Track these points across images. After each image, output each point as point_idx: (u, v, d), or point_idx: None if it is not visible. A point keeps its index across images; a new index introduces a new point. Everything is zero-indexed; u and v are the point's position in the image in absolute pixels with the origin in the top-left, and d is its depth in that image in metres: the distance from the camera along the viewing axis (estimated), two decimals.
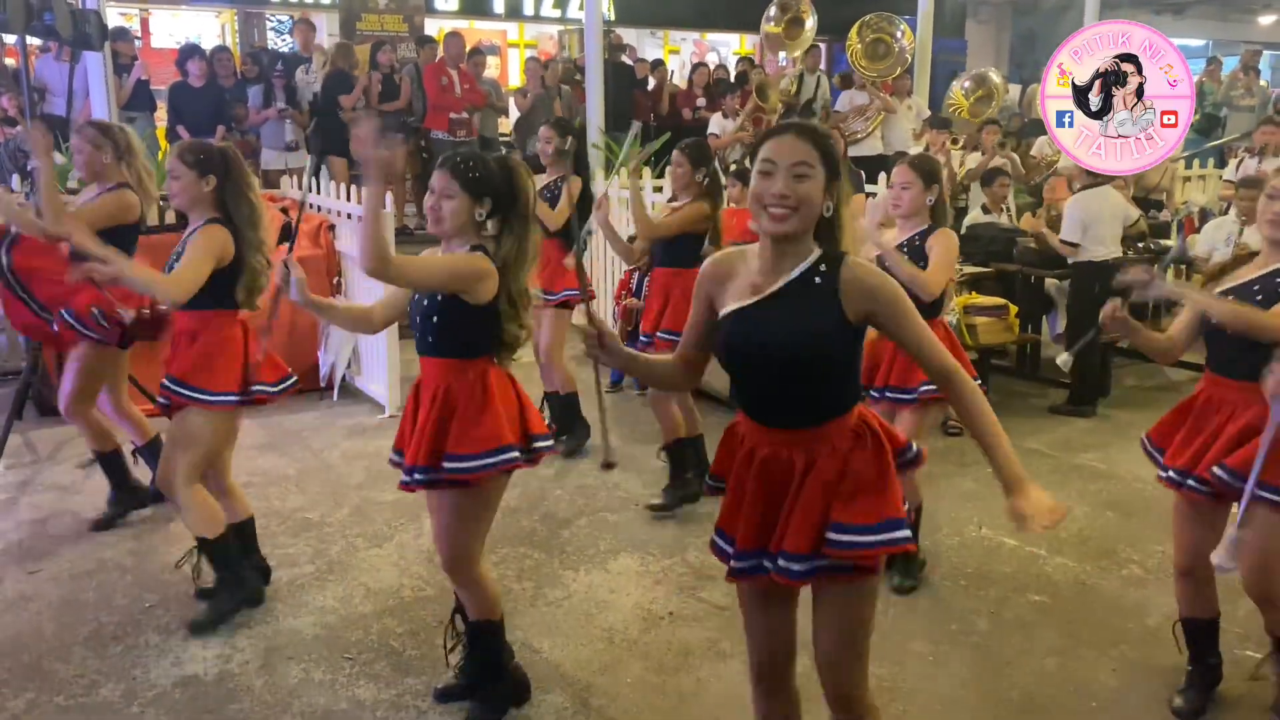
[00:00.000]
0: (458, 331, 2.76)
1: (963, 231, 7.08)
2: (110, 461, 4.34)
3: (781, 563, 2.12)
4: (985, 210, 7.14)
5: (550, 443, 3.00)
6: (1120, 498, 4.78)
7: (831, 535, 2.09)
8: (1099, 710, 3.15)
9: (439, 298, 2.73)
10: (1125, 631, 3.57)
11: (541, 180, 5.22)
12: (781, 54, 10.66)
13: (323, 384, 6.17)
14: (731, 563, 2.24)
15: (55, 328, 4.13)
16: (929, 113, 10.24)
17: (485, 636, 2.99)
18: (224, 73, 8.58)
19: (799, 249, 2.11)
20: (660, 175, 7.92)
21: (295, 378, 3.72)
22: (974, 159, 8.32)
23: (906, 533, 2.14)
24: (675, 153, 4.52)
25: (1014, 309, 6.12)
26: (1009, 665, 3.37)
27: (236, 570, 3.59)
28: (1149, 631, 3.52)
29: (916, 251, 3.67)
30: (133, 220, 4.04)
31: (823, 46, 11.00)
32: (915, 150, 7.95)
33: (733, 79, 10.88)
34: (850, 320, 2.08)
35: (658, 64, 11.10)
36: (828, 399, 2.14)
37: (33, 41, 7.27)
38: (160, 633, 3.48)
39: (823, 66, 10.64)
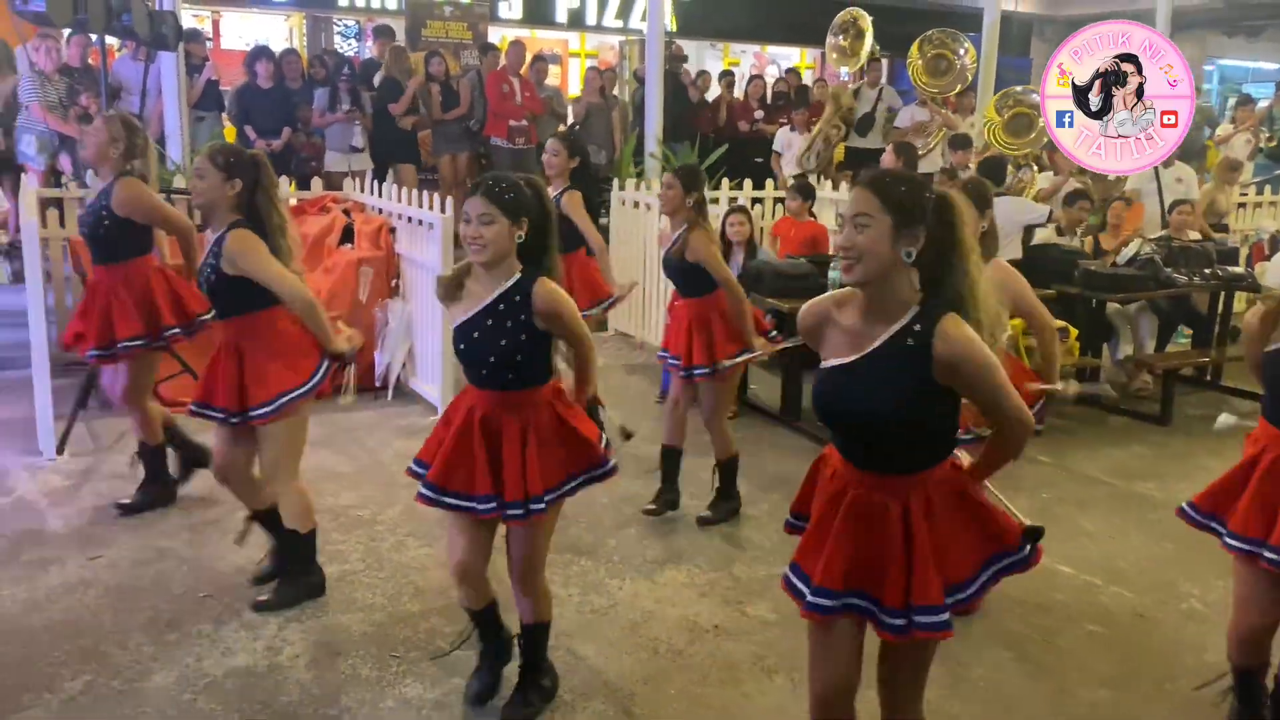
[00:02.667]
0: (536, 362, 2.79)
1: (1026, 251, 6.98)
2: (154, 455, 4.44)
3: (921, 619, 2.14)
4: (1060, 231, 7.00)
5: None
6: (1179, 529, 4.61)
7: (969, 592, 2.20)
8: None
9: (522, 335, 2.73)
10: (1183, 666, 3.48)
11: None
12: (842, 69, 10.61)
13: (378, 384, 6.25)
14: (809, 598, 2.22)
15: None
16: None
17: (542, 636, 3.08)
18: (291, 75, 8.75)
19: (892, 301, 2.12)
20: (716, 186, 7.93)
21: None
22: (1045, 178, 8.18)
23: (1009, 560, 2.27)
24: (668, 175, 4.45)
25: (1074, 332, 6.02)
26: (1062, 694, 3.31)
27: (311, 565, 3.73)
28: (1207, 667, 3.41)
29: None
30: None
31: (884, 62, 10.91)
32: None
33: (793, 94, 10.84)
34: (940, 382, 2.11)
35: (725, 74, 11.09)
36: (919, 453, 2.18)
37: (111, 41, 7.48)
38: (213, 623, 3.54)
39: (884, 81, 10.55)
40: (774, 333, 4.60)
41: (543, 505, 2.78)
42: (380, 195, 6.77)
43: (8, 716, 2.99)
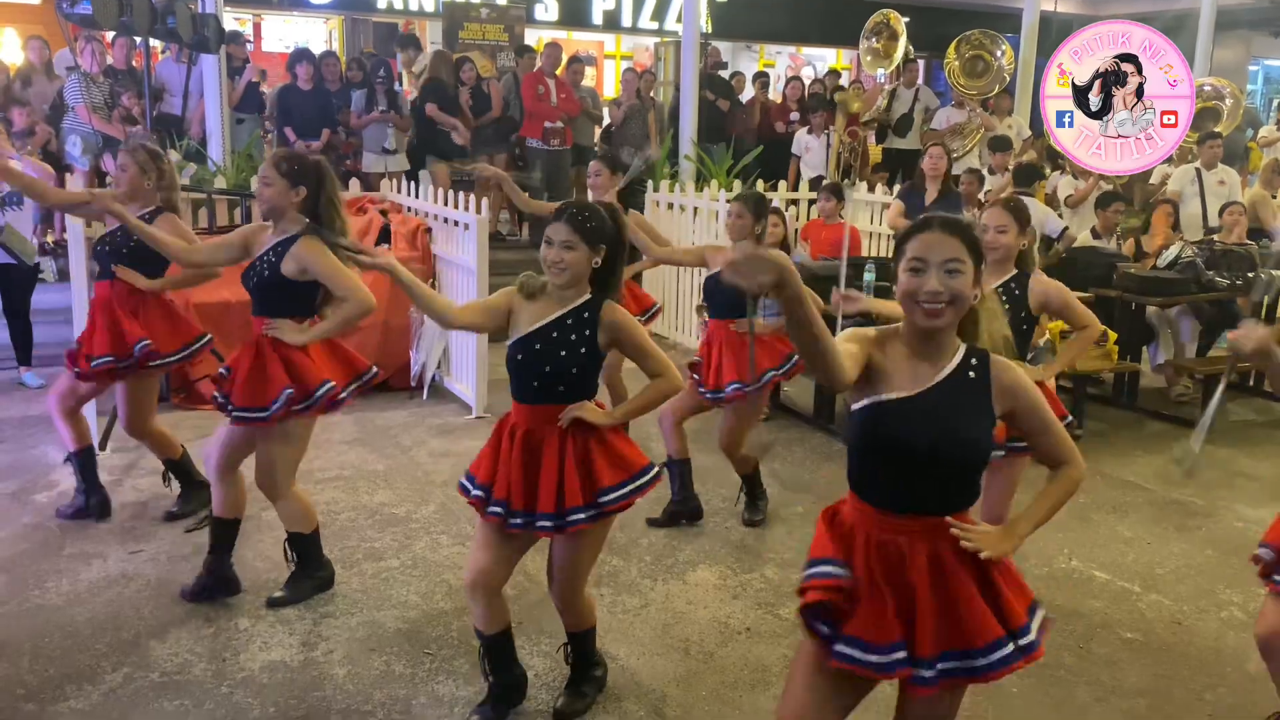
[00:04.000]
0: (586, 379, 2.83)
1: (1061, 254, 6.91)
2: (178, 467, 4.46)
3: (926, 673, 2.04)
4: (1095, 235, 6.92)
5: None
6: (1220, 536, 4.60)
7: (1023, 641, 2.09)
8: None
9: (582, 350, 2.77)
10: (1223, 675, 3.43)
11: None
12: (878, 71, 10.56)
13: (413, 383, 6.31)
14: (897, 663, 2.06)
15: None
16: (1029, 133, 10.02)
17: (589, 640, 3.11)
18: (330, 77, 8.84)
19: (945, 339, 2.11)
20: (751, 188, 7.92)
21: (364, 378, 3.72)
22: (1068, 182, 8.09)
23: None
24: (737, 204, 4.36)
25: (1113, 336, 5.94)
26: (1097, 703, 3.27)
27: (319, 561, 3.79)
28: (1248, 678, 3.37)
29: (1018, 301, 3.51)
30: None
31: (920, 62, 10.84)
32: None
33: (829, 95, 10.81)
34: (997, 417, 2.12)
35: (760, 76, 11.06)
36: (968, 491, 2.15)
37: (154, 43, 7.60)
38: (250, 618, 3.59)
39: (920, 82, 10.48)
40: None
41: (581, 517, 2.77)
42: (417, 196, 6.83)
43: (50, 706, 3.05)
